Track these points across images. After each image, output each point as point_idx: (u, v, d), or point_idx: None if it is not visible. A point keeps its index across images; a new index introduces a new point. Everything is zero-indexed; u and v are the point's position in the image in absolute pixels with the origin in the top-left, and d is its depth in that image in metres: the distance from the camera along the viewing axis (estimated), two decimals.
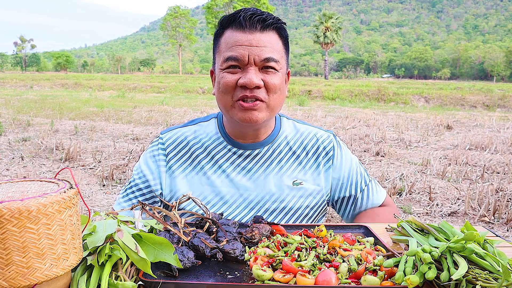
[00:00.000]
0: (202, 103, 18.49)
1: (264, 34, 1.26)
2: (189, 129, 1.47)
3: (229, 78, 1.26)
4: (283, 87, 1.32)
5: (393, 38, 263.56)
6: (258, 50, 1.24)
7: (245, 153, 1.40)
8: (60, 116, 12.35)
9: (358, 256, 0.89)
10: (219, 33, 1.33)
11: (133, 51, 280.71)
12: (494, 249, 0.83)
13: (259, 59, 1.24)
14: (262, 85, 1.25)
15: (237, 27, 1.27)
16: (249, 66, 1.25)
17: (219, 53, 1.32)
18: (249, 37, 1.25)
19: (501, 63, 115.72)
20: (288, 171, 1.41)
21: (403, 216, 5.11)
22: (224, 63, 1.27)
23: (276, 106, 1.31)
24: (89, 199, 4.93)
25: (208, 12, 59.86)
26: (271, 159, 1.41)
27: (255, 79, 1.23)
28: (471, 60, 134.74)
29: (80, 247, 0.76)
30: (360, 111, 15.68)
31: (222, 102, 1.30)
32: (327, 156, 1.46)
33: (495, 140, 8.81)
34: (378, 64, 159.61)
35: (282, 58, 1.30)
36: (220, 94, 1.30)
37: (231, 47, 1.26)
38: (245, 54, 1.24)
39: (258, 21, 1.26)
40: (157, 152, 1.44)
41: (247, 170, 1.39)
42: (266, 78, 1.26)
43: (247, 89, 1.24)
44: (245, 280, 0.85)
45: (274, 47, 1.28)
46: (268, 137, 1.42)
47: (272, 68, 1.27)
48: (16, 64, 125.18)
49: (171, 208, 1.03)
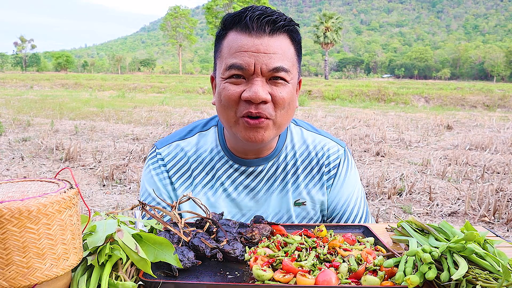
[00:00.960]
0: (202, 103, 18.49)
1: (273, 38, 1.09)
2: (188, 143, 1.32)
3: (231, 90, 1.10)
4: (292, 100, 1.15)
5: (393, 38, 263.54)
6: (266, 58, 1.07)
7: (248, 170, 1.28)
8: (60, 116, 12.35)
9: (358, 256, 0.89)
10: (221, 35, 1.16)
11: (133, 51, 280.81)
12: (494, 249, 0.83)
13: (267, 68, 1.07)
14: (269, 100, 1.09)
15: (242, 29, 1.10)
16: (255, 76, 1.08)
17: (220, 59, 1.15)
18: (256, 42, 1.08)
19: (501, 63, 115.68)
20: (292, 188, 1.30)
21: (403, 216, 5.07)
22: (227, 72, 1.10)
23: (283, 123, 1.16)
24: (89, 199, 4.93)
25: (208, 12, 59.84)
26: (275, 177, 1.30)
27: (261, 93, 1.06)
28: (471, 60, 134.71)
29: (80, 247, 0.76)
30: (360, 111, 15.68)
31: (224, 117, 1.16)
32: (329, 174, 1.32)
33: (495, 140, 8.81)
34: (378, 64, 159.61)
35: (293, 67, 1.14)
36: (221, 108, 1.15)
37: (234, 53, 1.09)
38: (250, 62, 1.07)
39: (267, 23, 1.08)
40: (159, 170, 1.32)
41: (250, 189, 1.29)
42: (274, 92, 1.10)
43: (252, 104, 1.08)
44: (245, 280, 0.85)
45: (285, 54, 1.11)
46: (272, 151, 1.29)
47: (282, 79, 1.10)
48: (16, 64, 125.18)
49: (171, 208, 1.03)
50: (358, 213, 1.35)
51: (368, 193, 5.32)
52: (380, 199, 5.10)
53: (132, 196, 5.14)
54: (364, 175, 6.01)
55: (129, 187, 5.43)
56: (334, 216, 1.35)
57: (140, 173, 5.94)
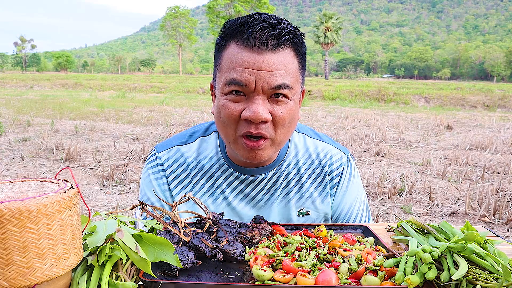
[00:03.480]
0: (202, 103, 18.49)
1: (276, 54, 1.05)
2: (189, 148, 1.30)
3: (231, 108, 1.07)
4: (293, 118, 1.12)
5: (393, 38, 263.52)
6: (268, 76, 1.03)
7: (249, 178, 1.26)
8: (60, 116, 12.35)
9: (358, 256, 0.89)
10: (221, 45, 1.12)
11: (133, 51, 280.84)
12: (495, 249, 0.83)
13: (269, 86, 1.04)
14: (270, 119, 1.07)
15: (244, 43, 1.05)
16: (256, 94, 1.05)
17: (220, 72, 1.11)
18: (258, 58, 1.03)
19: (501, 63, 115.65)
20: (295, 197, 1.28)
21: (403, 216, 5.07)
22: (226, 87, 1.07)
23: (283, 141, 1.14)
24: (89, 199, 4.93)
25: (209, 11, 59.84)
26: (277, 186, 1.27)
27: (261, 112, 1.03)
28: (471, 60, 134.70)
29: (81, 247, 0.76)
30: (360, 111, 15.68)
31: (223, 134, 1.14)
32: (332, 182, 1.30)
33: (495, 140, 8.81)
34: (378, 64, 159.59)
35: (296, 82, 1.10)
36: (221, 124, 1.13)
37: (234, 68, 1.05)
38: (251, 80, 1.03)
39: (271, 37, 1.03)
40: (158, 174, 1.30)
41: (251, 198, 1.27)
42: (275, 111, 1.07)
43: (252, 123, 1.06)
44: (245, 280, 0.85)
45: (288, 69, 1.07)
46: (274, 161, 1.26)
47: (284, 96, 1.07)
48: (16, 64, 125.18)
49: (172, 208, 1.03)
50: (361, 221, 1.34)
51: (368, 193, 5.32)
52: (380, 199, 5.10)
53: (132, 196, 5.14)
54: (364, 175, 6.01)
55: (129, 187, 5.43)
56: (337, 220, 1.35)
57: (140, 173, 5.94)
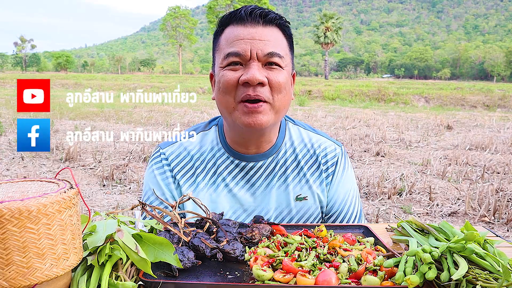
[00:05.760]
0: (202, 103, 18.48)
1: (267, 28, 1.19)
2: (191, 143, 1.37)
3: (230, 75, 1.17)
4: (288, 87, 1.22)
5: (393, 38, 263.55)
6: (261, 44, 1.16)
7: (248, 165, 1.31)
8: (60, 116, 12.35)
9: (358, 256, 0.89)
10: (218, 32, 1.26)
11: (133, 51, 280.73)
12: (494, 249, 0.83)
13: (262, 53, 1.16)
14: (266, 83, 1.16)
15: (238, 22, 1.19)
16: (252, 61, 1.16)
17: (219, 51, 1.23)
18: (251, 30, 1.17)
19: (501, 63, 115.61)
20: (292, 184, 1.33)
21: (403, 216, 5.07)
22: (225, 60, 1.18)
23: (281, 107, 1.21)
24: (89, 199, 4.93)
25: (209, 11, 59.83)
26: (275, 172, 1.33)
27: (258, 75, 1.13)
28: (471, 60, 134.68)
29: (80, 247, 0.76)
30: (360, 111, 15.68)
31: (223, 104, 1.21)
32: (327, 171, 1.36)
33: (495, 140, 8.81)
34: (378, 64, 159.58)
35: (287, 56, 1.22)
36: (220, 95, 1.20)
37: (232, 42, 1.18)
38: (247, 48, 1.15)
39: (260, 15, 1.19)
40: (162, 169, 1.35)
41: (251, 185, 1.32)
42: (270, 75, 1.16)
43: (250, 86, 1.14)
44: (245, 280, 0.85)
45: (278, 42, 1.20)
46: (272, 147, 1.32)
47: (277, 65, 1.18)
48: (16, 64, 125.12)
49: (171, 208, 1.03)
50: (353, 212, 1.38)
51: (368, 193, 5.32)
52: (380, 199, 5.10)
53: (132, 196, 5.14)
54: (364, 175, 6.01)
55: (129, 187, 5.43)
56: (331, 213, 1.37)
57: (140, 173, 5.94)
